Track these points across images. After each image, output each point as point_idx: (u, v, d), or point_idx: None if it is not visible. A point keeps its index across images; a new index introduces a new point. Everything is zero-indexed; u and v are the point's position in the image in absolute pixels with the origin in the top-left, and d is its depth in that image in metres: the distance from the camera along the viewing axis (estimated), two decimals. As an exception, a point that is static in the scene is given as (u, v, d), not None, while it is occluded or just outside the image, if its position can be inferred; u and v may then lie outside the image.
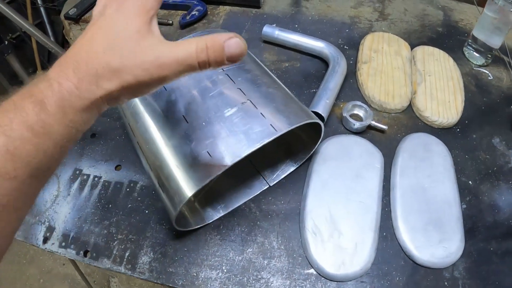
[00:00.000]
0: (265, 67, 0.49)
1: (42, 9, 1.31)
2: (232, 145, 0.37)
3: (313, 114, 0.43)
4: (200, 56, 0.24)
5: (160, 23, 0.70)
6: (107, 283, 1.18)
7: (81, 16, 1.02)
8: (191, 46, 0.24)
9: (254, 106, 0.40)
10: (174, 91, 0.43)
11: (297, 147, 0.51)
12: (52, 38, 1.37)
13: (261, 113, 0.39)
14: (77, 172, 0.51)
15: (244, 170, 0.50)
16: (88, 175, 0.50)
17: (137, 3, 0.25)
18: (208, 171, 0.36)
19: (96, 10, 0.27)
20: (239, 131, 0.38)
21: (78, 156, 0.52)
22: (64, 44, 1.43)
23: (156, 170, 0.40)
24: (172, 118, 0.41)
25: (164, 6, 0.74)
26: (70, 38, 1.24)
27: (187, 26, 0.69)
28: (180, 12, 0.71)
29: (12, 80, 1.20)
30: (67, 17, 1.00)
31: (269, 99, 0.41)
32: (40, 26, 1.37)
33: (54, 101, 0.23)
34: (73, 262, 0.77)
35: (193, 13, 0.69)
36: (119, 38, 0.24)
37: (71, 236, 0.44)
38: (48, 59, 1.38)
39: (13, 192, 0.22)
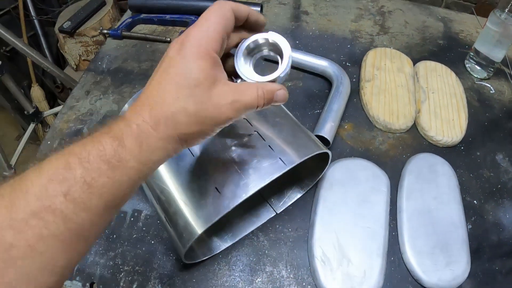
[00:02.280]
0: None
1: (36, 21, 1.28)
2: (241, 180, 0.37)
3: (320, 143, 0.43)
4: (259, 101, 0.28)
5: (157, 41, 0.68)
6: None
7: (76, 30, 1.01)
8: (253, 93, 0.28)
9: (262, 138, 0.39)
10: None
11: (303, 173, 0.50)
12: (46, 50, 1.34)
13: (269, 146, 0.39)
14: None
15: (251, 198, 0.49)
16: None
17: (195, 45, 0.26)
18: (218, 208, 0.35)
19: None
20: (247, 166, 0.37)
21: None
22: (59, 56, 1.41)
23: (163, 204, 0.39)
24: None
25: (161, 22, 0.72)
26: (65, 51, 1.22)
27: (186, 44, 0.67)
28: (179, 29, 0.70)
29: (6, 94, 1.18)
30: (62, 30, 0.99)
31: (276, 129, 0.41)
32: (34, 38, 1.35)
33: (132, 138, 0.25)
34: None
35: (192, 30, 0.68)
36: (188, 84, 0.26)
37: (76, 268, 0.44)
38: (43, 72, 1.35)
39: (86, 222, 0.23)
